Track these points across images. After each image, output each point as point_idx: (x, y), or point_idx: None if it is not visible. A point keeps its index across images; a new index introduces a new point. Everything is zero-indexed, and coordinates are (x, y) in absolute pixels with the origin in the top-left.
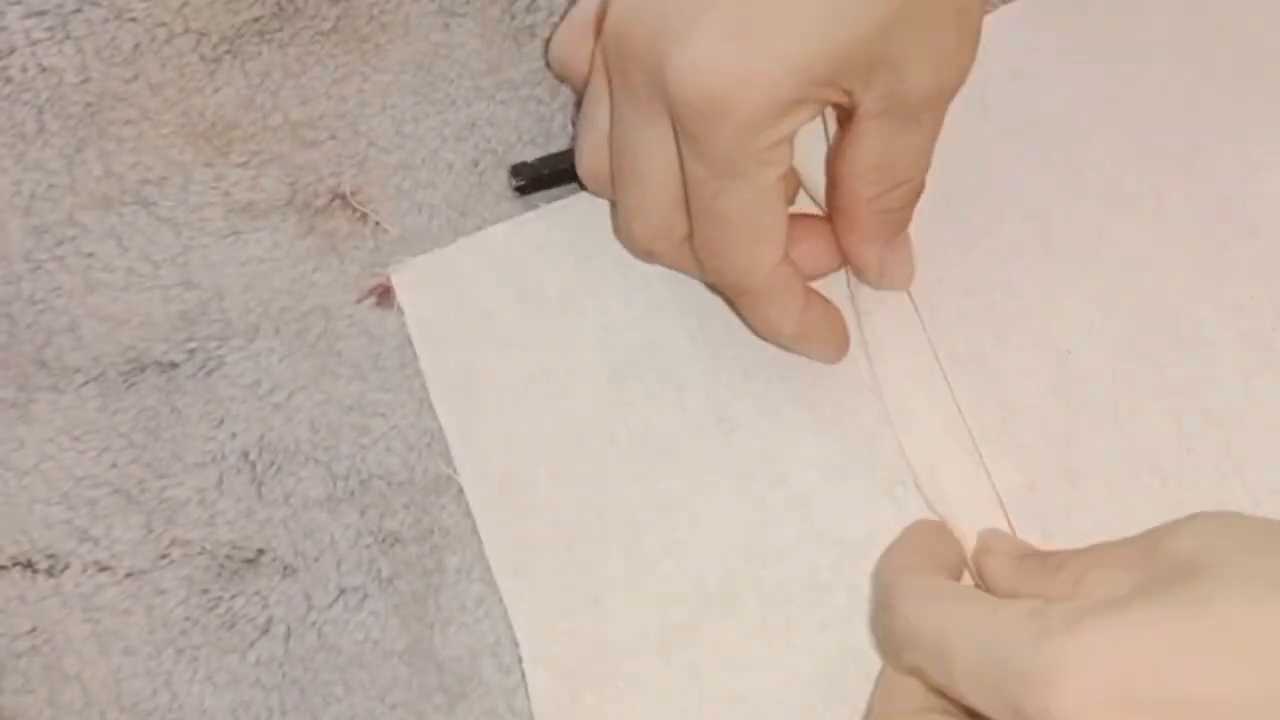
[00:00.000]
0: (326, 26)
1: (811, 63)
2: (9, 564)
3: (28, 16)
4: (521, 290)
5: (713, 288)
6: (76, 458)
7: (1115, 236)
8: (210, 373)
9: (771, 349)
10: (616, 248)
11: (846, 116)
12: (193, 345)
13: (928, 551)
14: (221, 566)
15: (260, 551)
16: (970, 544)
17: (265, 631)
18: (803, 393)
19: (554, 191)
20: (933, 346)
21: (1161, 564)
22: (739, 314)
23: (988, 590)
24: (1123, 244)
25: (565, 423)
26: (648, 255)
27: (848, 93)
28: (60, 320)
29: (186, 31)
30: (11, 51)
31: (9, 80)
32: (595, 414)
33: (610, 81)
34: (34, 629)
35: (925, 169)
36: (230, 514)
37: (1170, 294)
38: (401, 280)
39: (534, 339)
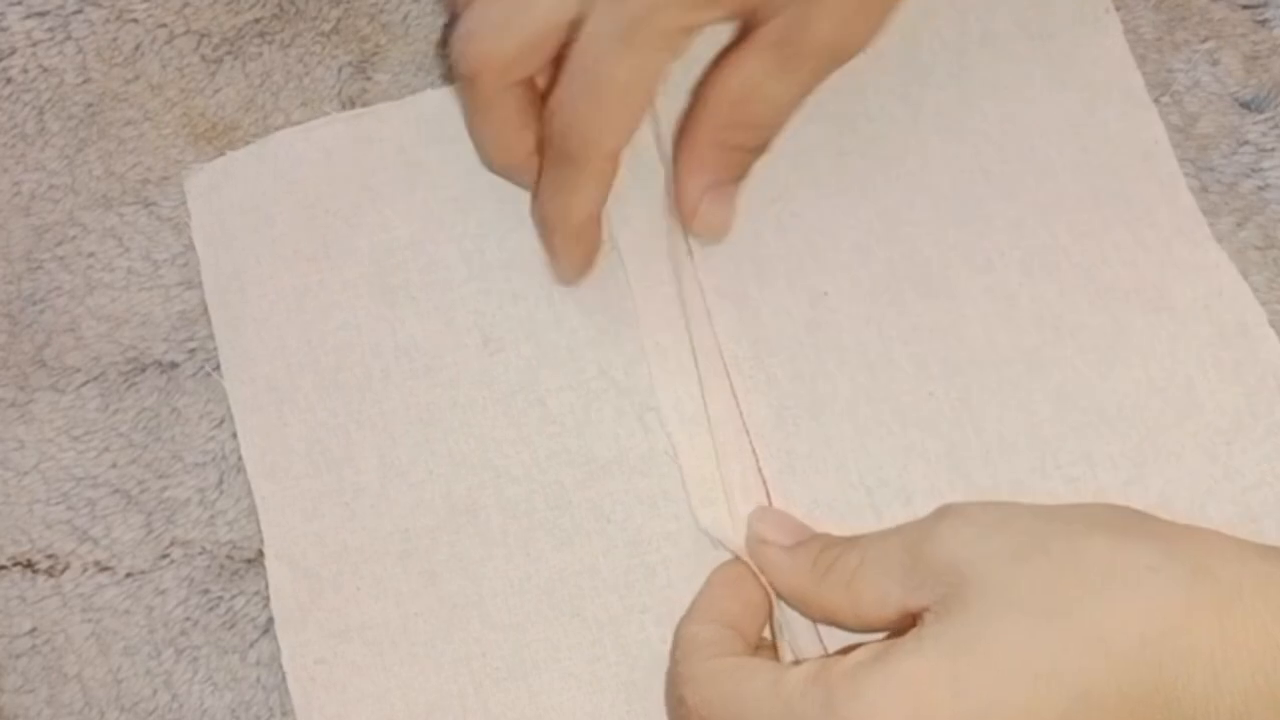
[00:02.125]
0: (327, 27)
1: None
2: (9, 564)
3: (28, 17)
4: (303, 198)
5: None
6: (77, 457)
7: (879, 188)
8: (210, 373)
9: (540, 275)
10: (401, 166)
11: (734, 42)
12: (193, 345)
13: (726, 609)
14: (222, 566)
15: (260, 551)
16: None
17: (265, 631)
18: (567, 318)
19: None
20: (698, 278)
21: (925, 573)
22: (538, 188)
23: (770, 581)
24: (886, 195)
25: (334, 333)
26: (469, 77)
27: (753, 13)
28: (61, 320)
29: (188, 32)
30: (12, 52)
31: (10, 81)
32: (364, 326)
33: None
34: (34, 629)
35: (779, 125)
36: (230, 514)
37: (924, 245)
38: (193, 185)
39: (311, 249)
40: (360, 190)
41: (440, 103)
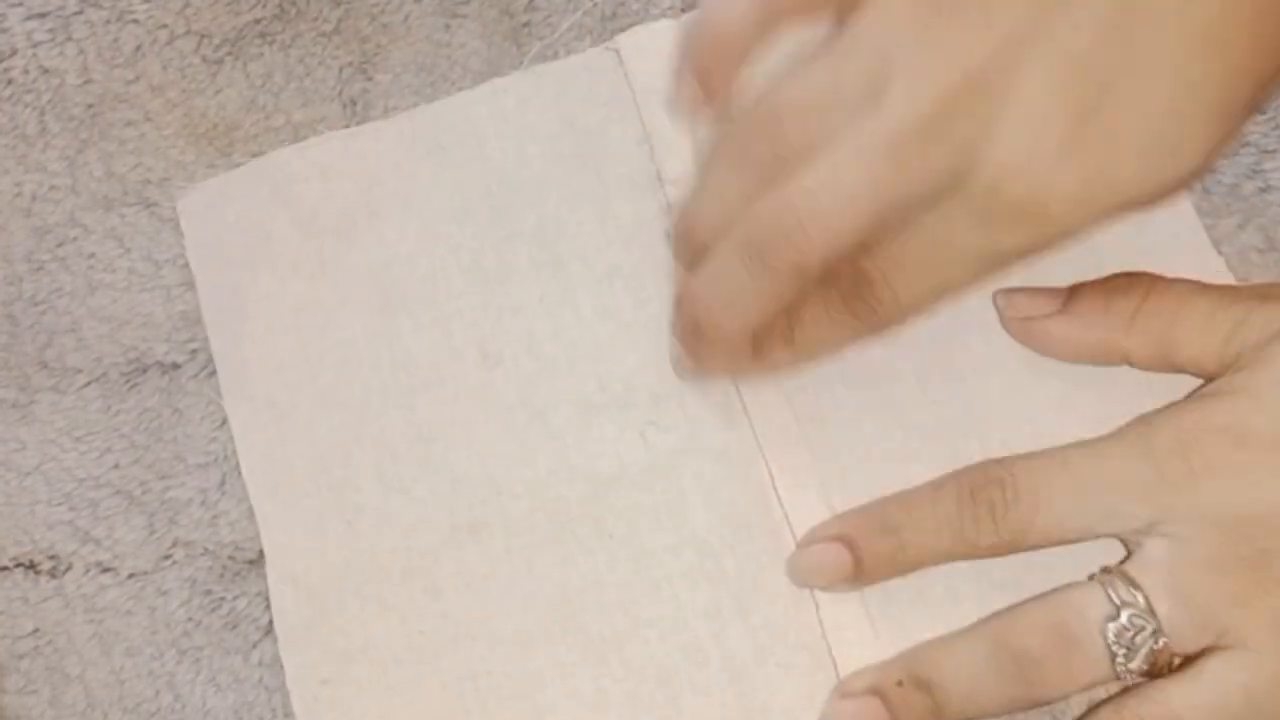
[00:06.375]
0: (328, 28)
1: (1142, 192)
2: (11, 565)
3: (29, 18)
4: (300, 216)
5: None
6: (78, 459)
7: None
8: (212, 373)
9: (538, 288)
10: (396, 181)
11: None
12: (194, 346)
13: None
14: (224, 567)
15: (262, 552)
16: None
17: (268, 632)
18: (565, 332)
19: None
20: None
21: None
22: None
23: (1056, 347)
24: None
25: (332, 350)
26: (798, 267)
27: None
28: (62, 321)
29: (188, 33)
30: (13, 53)
31: (11, 82)
32: (362, 342)
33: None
34: (36, 630)
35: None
36: (233, 515)
37: None
38: (186, 206)
39: (309, 266)
40: (356, 206)
41: (434, 117)
